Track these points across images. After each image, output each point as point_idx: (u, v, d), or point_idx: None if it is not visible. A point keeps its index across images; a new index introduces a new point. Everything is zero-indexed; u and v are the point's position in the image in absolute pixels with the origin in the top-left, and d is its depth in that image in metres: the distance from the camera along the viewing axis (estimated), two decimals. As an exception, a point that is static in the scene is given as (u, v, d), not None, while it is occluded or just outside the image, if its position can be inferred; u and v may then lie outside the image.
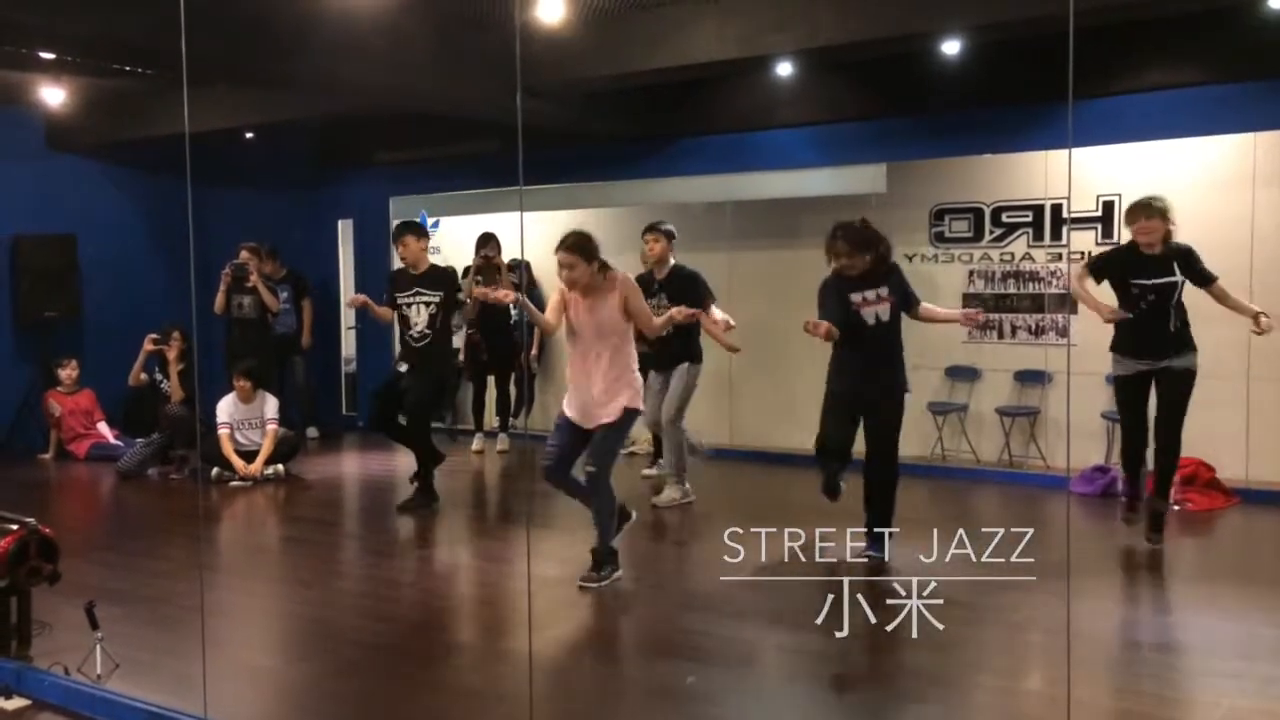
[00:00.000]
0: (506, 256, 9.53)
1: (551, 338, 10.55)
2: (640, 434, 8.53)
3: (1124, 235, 8.10)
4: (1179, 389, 5.95)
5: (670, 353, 7.34)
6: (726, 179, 9.59)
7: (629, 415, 5.52)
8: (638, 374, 5.60)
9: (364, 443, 10.80)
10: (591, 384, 5.45)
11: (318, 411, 11.08)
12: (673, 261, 7.53)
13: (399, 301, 7.37)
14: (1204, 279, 6.00)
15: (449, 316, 7.57)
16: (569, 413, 5.56)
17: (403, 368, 7.37)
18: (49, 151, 10.34)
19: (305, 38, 7.00)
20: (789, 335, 9.28)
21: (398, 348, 7.46)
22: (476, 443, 9.74)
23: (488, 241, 9.32)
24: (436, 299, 7.33)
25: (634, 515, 5.93)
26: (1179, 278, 5.95)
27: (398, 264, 7.61)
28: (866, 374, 5.85)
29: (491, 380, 9.84)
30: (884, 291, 5.84)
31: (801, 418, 9.43)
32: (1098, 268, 6.21)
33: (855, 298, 5.81)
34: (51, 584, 4.56)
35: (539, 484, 8.81)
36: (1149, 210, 5.94)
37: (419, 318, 7.31)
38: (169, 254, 10.56)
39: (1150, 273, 5.95)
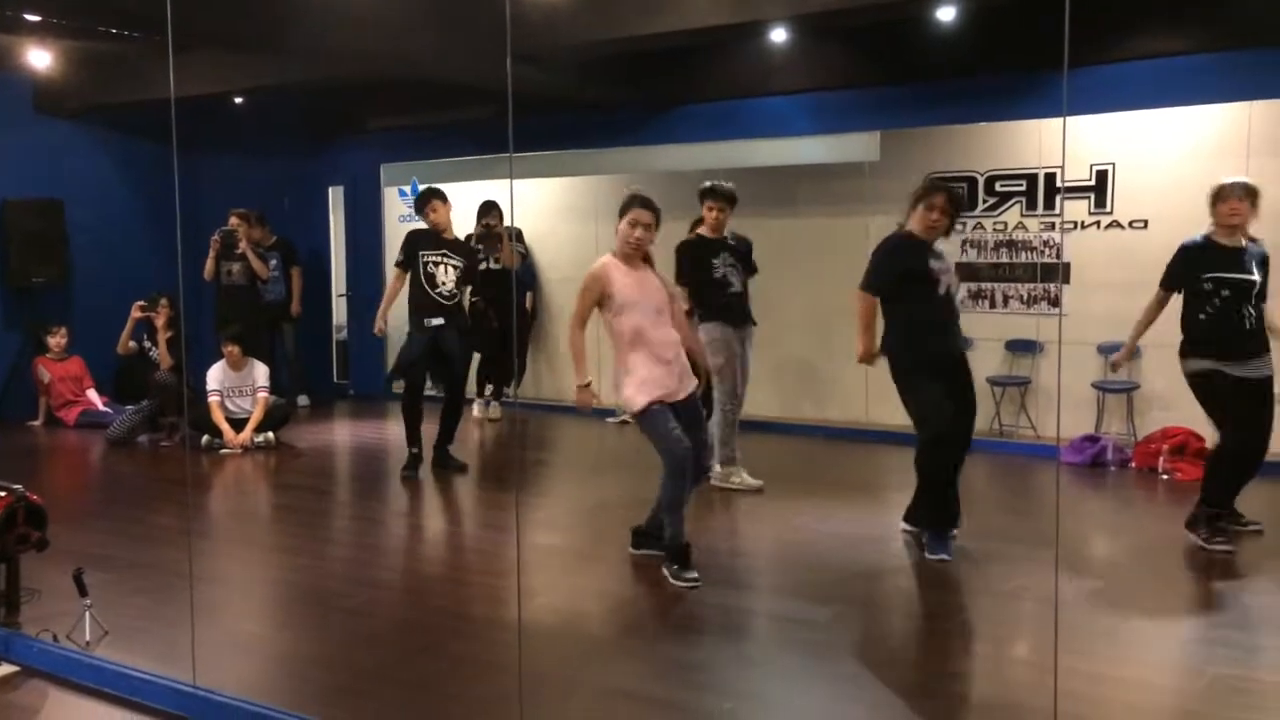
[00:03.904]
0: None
1: (544, 308, 10.61)
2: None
3: (1117, 205, 8.14)
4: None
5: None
6: (720, 146, 9.55)
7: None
8: (627, 369, 5.11)
9: (355, 411, 10.80)
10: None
11: (308, 379, 11.07)
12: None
13: (425, 259, 7.46)
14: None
15: (464, 286, 7.71)
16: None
17: (437, 321, 7.41)
18: (36, 115, 10.25)
19: (294, 2, 6.92)
20: (783, 302, 9.31)
21: (405, 305, 7.55)
22: (478, 410, 9.81)
23: (490, 209, 9.27)
24: (461, 264, 7.53)
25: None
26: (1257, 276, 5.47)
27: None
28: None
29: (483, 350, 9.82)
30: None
31: (793, 384, 9.48)
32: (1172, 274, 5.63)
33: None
34: (40, 551, 4.55)
35: (531, 452, 8.86)
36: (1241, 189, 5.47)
37: (447, 277, 7.47)
38: (158, 220, 10.50)
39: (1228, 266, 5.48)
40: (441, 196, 7.59)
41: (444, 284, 7.42)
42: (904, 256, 5.47)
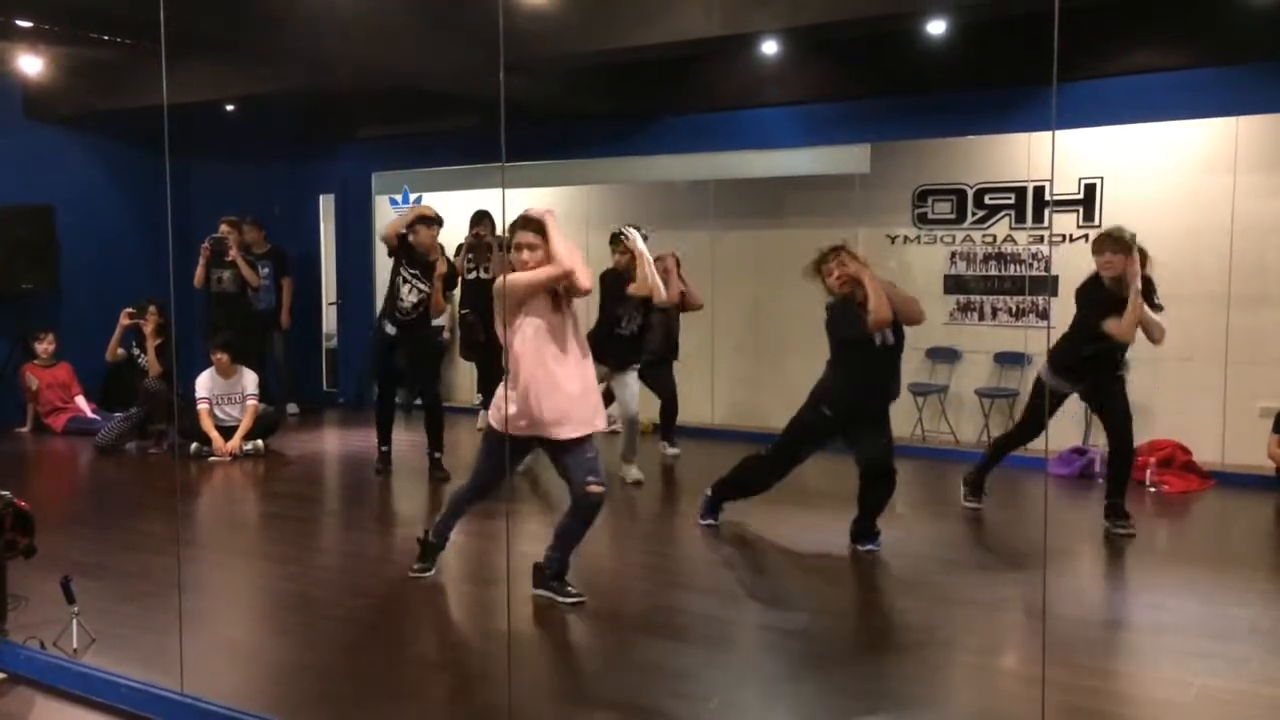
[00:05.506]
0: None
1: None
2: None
3: (1105, 218, 8.19)
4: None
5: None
6: (711, 157, 9.57)
7: None
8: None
9: (344, 419, 10.77)
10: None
11: (298, 387, 11.04)
12: None
13: (400, 270, 7.56)
14: None
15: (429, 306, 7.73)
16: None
17: (390, 330, 7.57)
18: (27, 121, 10.23)
19: (287, 10, 6.93)
20: (771, 313, 9.34)
21: (379, 305, 7.70)
22: (480, 420, 9.82)
23: (481, 219, 9.27)
24: (426, 289, 7.54)
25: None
26: None
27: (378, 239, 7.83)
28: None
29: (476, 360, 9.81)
30: None
31: (784, 396, 9.48)
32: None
33: None
34: (27, 558, 4.53)
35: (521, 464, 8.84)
36: (1116, 243, 5.80)
37: (409, 297, 7.54)
38: (148, 227, 10.48)
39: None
40: (428, 221, 7.61)
41: (405, 301, 7.53)
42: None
